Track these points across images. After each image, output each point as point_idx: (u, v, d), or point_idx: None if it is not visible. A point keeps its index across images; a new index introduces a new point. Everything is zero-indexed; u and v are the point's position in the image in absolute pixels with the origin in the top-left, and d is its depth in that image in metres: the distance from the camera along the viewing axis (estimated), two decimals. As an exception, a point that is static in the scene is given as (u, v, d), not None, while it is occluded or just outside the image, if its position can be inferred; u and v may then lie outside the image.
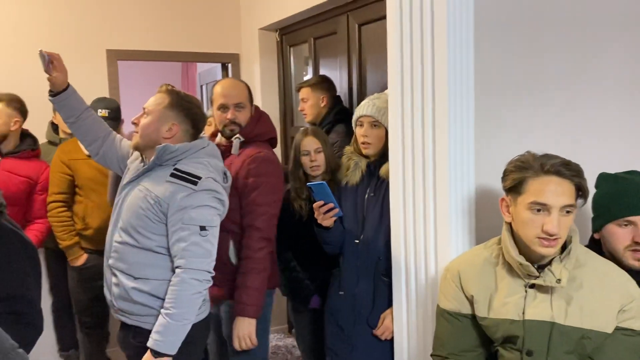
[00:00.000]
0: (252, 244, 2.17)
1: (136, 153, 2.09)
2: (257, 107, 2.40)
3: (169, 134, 1.96)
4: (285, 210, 2.40)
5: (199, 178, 1.89)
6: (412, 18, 1.79)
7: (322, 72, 3.67)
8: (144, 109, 2.00)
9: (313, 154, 2.42)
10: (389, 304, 2.07)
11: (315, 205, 2.08)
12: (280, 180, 2.32)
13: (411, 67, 1.81)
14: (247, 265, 2.16)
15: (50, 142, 3.34)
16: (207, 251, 1.88)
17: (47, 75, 2.02)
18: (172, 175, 1.90)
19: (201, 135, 2.08)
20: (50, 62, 2.00)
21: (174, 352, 1.85)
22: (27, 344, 1.48)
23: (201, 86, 5.27)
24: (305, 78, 3.81)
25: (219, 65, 4.54)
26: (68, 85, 2.09)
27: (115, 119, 3.07)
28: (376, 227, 2.12)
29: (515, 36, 1.86)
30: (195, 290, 1.86)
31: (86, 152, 2.49)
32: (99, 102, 3.11)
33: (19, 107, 2.95)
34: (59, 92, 2.08)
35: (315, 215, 2.10)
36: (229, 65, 4.38)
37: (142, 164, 2.02)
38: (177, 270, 1.86)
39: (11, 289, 1.48)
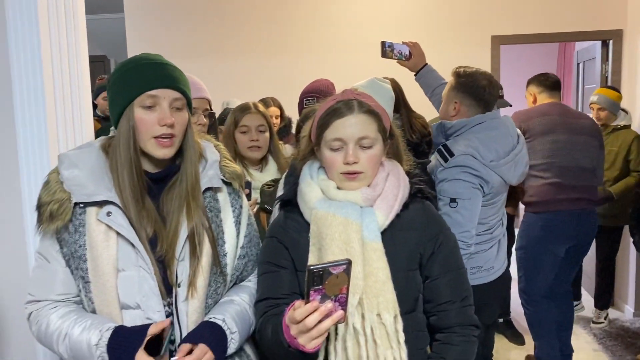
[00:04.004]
0: None
1: None
2: None
3: (454, 112, 2.19)
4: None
5: (452, 155, 2.05)
6: None
7: None
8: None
9: None
10: None
11: None
12: None
13: None
14: None
15: None
16: (456, 222, 1.98)
17: (391, 59, 2.54)
18: (437, 150, 2.13)
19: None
20: (409, 50, 2.53)
21: None
22: None
23: (578, 64, 5.27)
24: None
25: (598, 43, 4.53)
26: (424, 65, 2.53)
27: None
28: None
29: None
30: None
31: None
32: None
33: None
34: (418, 71, 2.55)
35: None
36: (610, 42, 4.34)
37: None
38: None
39: None
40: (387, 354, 1.21)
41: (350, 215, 1.24)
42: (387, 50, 2.52)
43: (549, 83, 3.20)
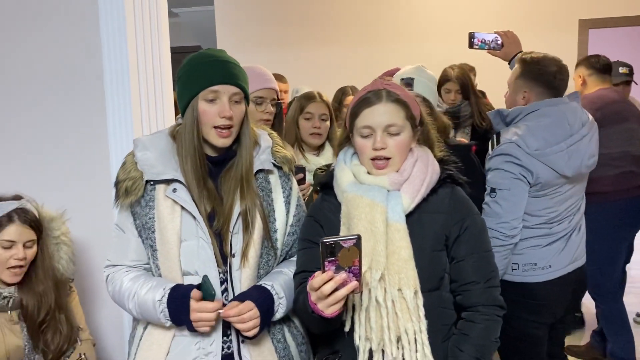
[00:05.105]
0: None
1: None
2: None
3: (524, 102, 2.09)
4: None
5: (498, 142, 2.01)
6: None
7: None
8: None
9: None
10: None
11: None
12: None
13: None
14: None
15: None
16: (494, 212, 1.94)
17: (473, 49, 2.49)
18: (491, 139, 2.10)
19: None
20: (499, 40, 2.45)
21: None
22: None
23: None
24: None
25: None
26: (517, 53, 2.34)
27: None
28: None
29: None
30: None
31: None
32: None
33: None
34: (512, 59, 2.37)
35: None
36: None
37: None
38: None
39: None
40: (408, 326, 1.31)
41: (376, 198, 1.34)
42: (474, 42, 2.53)
43: (600, 66, 3.03)
